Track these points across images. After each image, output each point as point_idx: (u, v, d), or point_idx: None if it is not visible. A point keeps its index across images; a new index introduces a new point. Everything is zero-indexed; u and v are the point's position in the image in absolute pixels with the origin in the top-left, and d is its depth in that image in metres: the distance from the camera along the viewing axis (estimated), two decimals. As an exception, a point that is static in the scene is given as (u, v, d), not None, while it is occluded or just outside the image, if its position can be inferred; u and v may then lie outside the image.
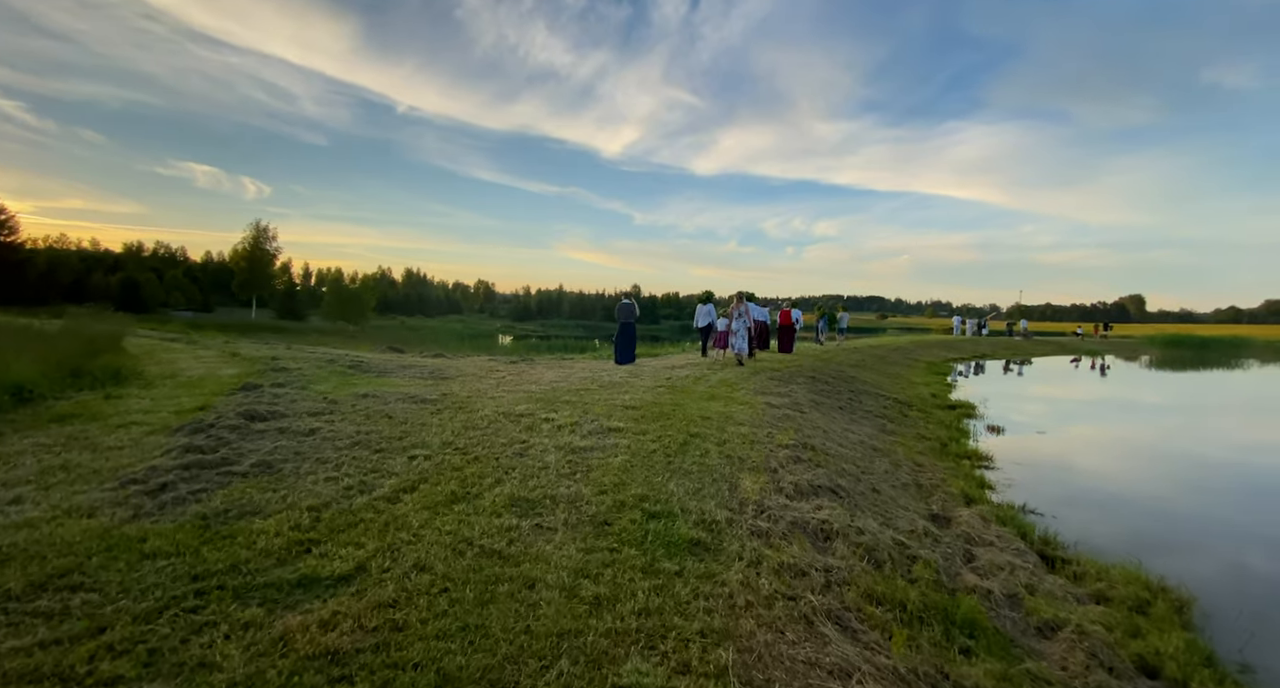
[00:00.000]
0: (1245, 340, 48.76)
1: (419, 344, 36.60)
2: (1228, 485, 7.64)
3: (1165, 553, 5.44)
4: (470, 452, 4.81)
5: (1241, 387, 21.27)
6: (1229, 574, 5.02)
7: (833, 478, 5.11)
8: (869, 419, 9.65)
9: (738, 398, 8.39)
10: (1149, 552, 5.30)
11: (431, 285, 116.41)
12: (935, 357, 26.34)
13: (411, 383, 8.57)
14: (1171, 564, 4.94)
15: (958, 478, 6.70)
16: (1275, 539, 5.80)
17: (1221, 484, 7.69)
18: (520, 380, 9.32)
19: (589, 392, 8.17)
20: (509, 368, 11.26)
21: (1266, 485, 7.72)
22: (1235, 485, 7.66)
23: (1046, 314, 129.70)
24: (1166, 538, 5.80)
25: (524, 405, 6.85)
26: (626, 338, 12.61)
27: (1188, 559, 5.26)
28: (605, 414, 6.50)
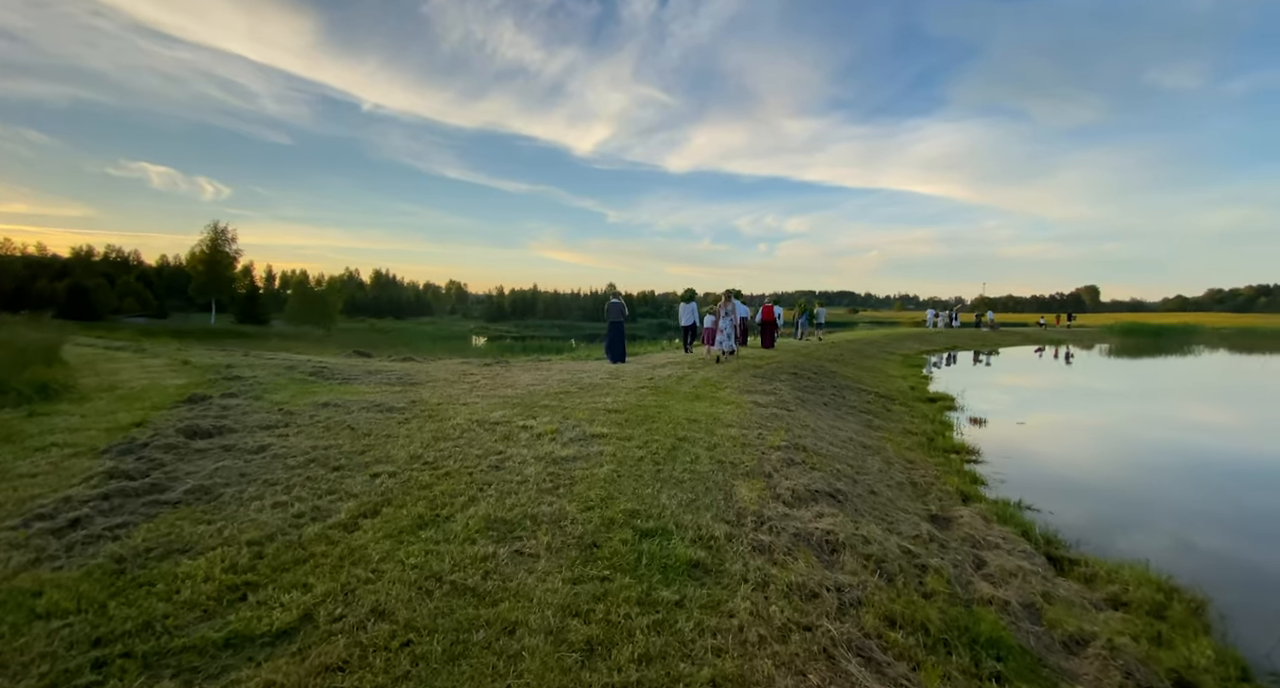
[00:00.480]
0: (1195, 328, 51.07)
1: (388, 347, 35.51)
2: (1206, 472, 7.68)
3: (1159, 544, 5.34)
4: (441, 466, 4.37)
5: (1200, 372, 22.00)
6: (1226, 567, 4.93)
7: (830, 481, 4.83)
8: (854, 415, 9.47)
9: (723, 397, 8.10)
10: (1143, 545, 5.20)
11: (401, 287, 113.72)
12: (909, 349, 26.66)
13: (377, 390, 8.03)
14: (1170, 557, 4.83)
15: (950, 474, 6.53)
16: (1262, 526, 5.78)
17: (1199, 471, 7.73)
18: (495, 384, 8.86)
19: (569, 395, 7.77)
20: (483, 371, 10.76)
21: (1245, 471, 7.78)
22: (1214, 472, 7.70)
23: (1009, 306, 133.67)
24: (1156, 528, 5.72)
25: (499, 412, 6.42)
26: (617, 337, 12.68)
27: (1182, 550, 5.16)
28: (587, 419, 6.12)
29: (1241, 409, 13.10)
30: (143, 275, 71.48)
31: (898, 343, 27.98)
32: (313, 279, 75.86)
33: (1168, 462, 8.23)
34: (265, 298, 73.17)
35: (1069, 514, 5.80)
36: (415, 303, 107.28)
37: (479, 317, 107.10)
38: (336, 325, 62.12)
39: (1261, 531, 5.74)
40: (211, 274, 56.37)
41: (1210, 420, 11.47)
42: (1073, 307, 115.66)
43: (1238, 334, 47.21)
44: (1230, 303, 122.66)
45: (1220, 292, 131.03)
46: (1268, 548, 5.31)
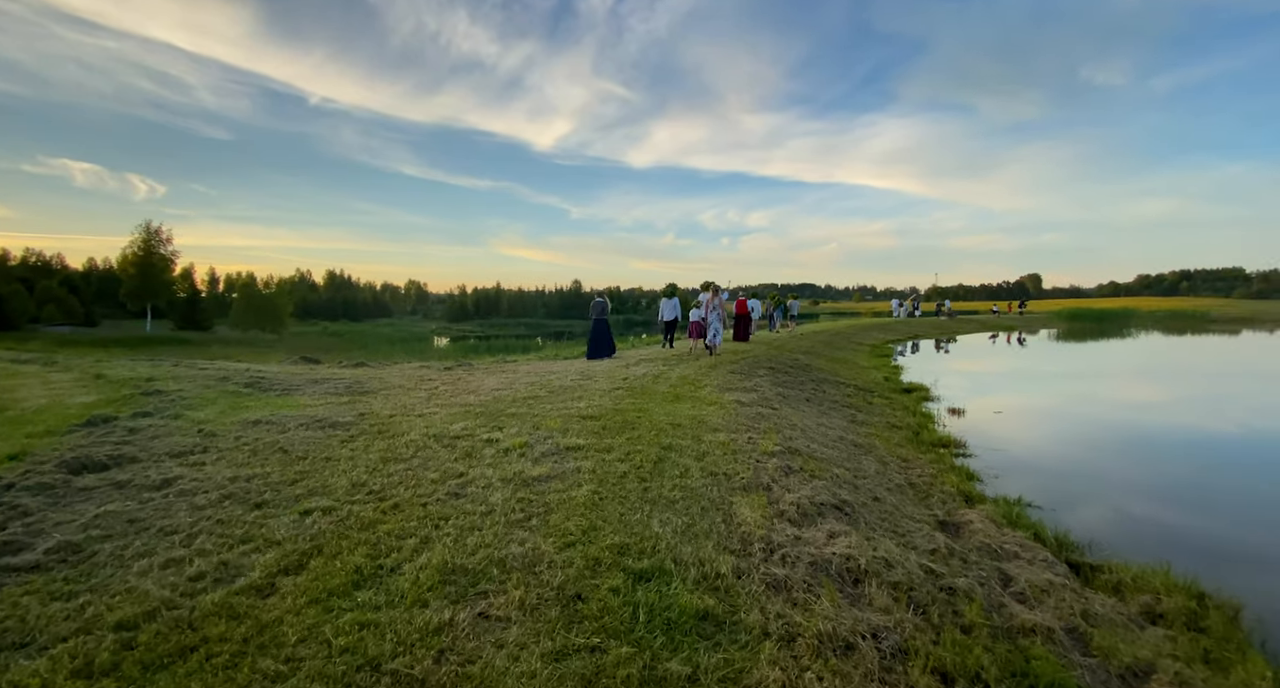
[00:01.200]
0: (1132, 311, 54.02)
1: (342, 352, 33.81)
2: (1181, 453, 7.64)
3: (1158, 534, 5.14)
4: (389, 496, 3.69)
5: (1150, 353, 22.91)
6: (1231, 555, 4.73)
7: (833, 491, 4.37)
8: (837, 410, 9.14)
9: (704, 397, 7.60)
10: (1144, 536, 4.97)
11: (358, 288, 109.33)
12: (874, 339, 26.96)
13: (321, 402, 7.19)
14: (1175, 549, 4.61)
15: (945, 472, 6.20)
16: (1252, 509, 5.66)
17: (1174, 452, 7.69)
18: (456, 391, 8.11)
19: (538, 400, 7.12)
20: (443, 376, 9.96)
21: (1216, 450, 7.77)
22: (1189, 453, 7.66)
23: (960, 295, 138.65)
24: (1150, 515, 5.54)
25: (461, 423, 5.73)
26: (600, 333, 12.94)
27: (1182, 539, 4.97)
28: (560, 429, 5.50)
29: (1198, 388, 13.47)
30: (67, 280, 66.34)
31: (863, 333, 28.28)
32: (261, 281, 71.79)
33: (1142, 443, 8.20)
34: (208, 302, 69.10)
35: (1067, 508, 5.54)
36: (373, 304, 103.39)
37: (440, 317, 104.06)
38: (287, 330, 59.16)
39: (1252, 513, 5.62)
40: (145, 278, 52.52)
41: (1174, 401, 11.68)
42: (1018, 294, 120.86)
43: (1169, 317, 50.04)
44: (1157, 287, 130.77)
45: (1148, 277, 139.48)
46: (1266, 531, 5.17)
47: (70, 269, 72.56)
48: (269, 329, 55.81)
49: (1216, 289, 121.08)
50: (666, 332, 15.43)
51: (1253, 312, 53.50)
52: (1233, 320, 45.65)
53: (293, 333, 61.85)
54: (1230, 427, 9.42)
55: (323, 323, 79.46)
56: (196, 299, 64.20)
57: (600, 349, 12.78)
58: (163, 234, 54.95)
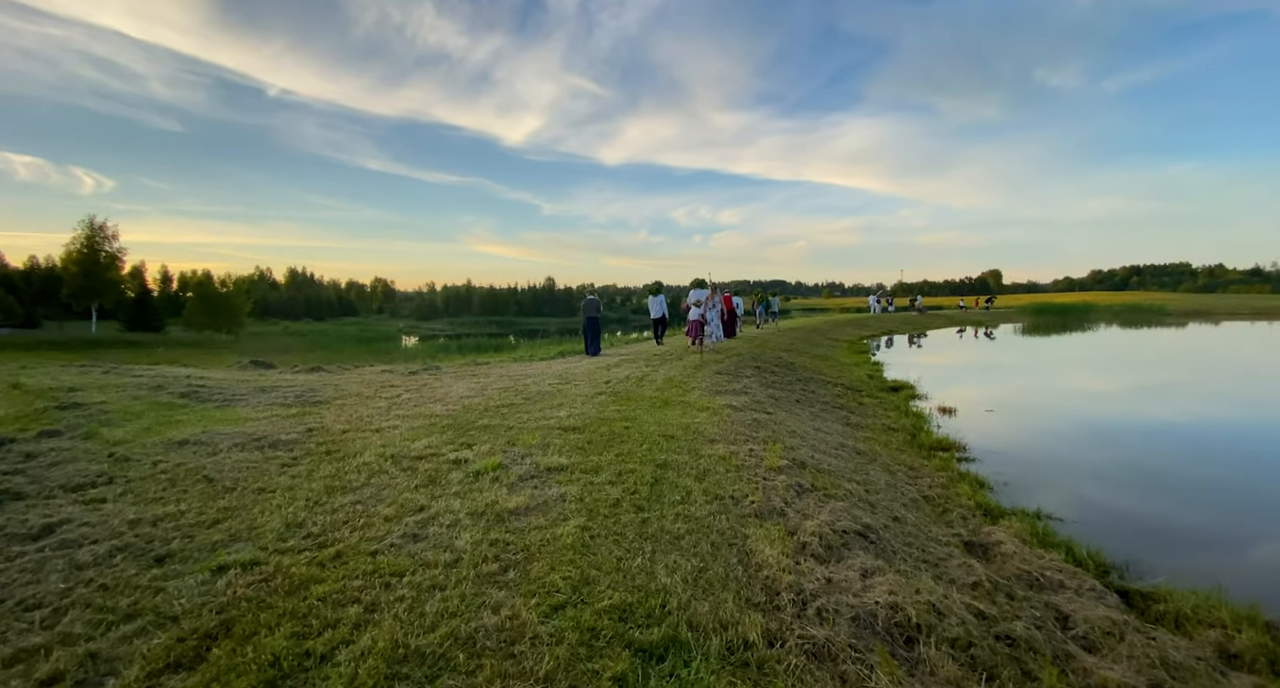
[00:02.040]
0: (1092, 306, 55.76)
1: (302, 353, 32.27)
2: (1191, 449, 7.42)
3: (1182, 538, 4.82)
4: (330, 541, 3.01)
5: (1119, 346, 23.32)
6: (1266, 565, 4.41)
7: (852, 514, 3.85)
8: (830, 412, 8.71)
9: (694, 402, 7.04)
10: (1176, 546, 4.63)
11: (321, 286, 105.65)
12: (850, 335, 26.93)
13: (265, 415, 6.37)
14: (1208, 559, 4.27)
15: (955, 481, 5.78)
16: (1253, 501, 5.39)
17: (1182, 448, 7.46)
18: (421, 399, 7.36)
19: (513, 409, 6.44)
20: (407, 382, 9.17)
21: (1235, 448, 7.56)
22: (1203, 450, 7.43)
23: (925, 290, 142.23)
24: (1172, 520, 5.22)
25: (424, 440, 5.03)
26: (593, 331, 13.61)
27: (1215, 548, 4.65)
28: (539, 444, 4.85)
29: (1185, 379, 13.51)
30: (6, 279, 62.17)
31: (839, 329, 28.26)
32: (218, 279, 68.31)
33: (1136, 438, 7.99)
34: (160, 302, 65.66)
35: (1086, 517, 5.18)
36: (337, 303, 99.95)
37: (409, 316, 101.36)
38: (244, 330, 56.61)
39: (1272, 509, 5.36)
40: (89, 277, 49.32)
41: (1162, 394, 11.63)
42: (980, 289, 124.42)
43: (1128, 311, 51.76)
44: (1109, 282, 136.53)
45: (1101, 272, 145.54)
46: None
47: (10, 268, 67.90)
48: (225, 330, 53.30)
49: (1164, 283, 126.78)
50: (657, 329, 15.50)
51: (1205, 305, 55.81)
52: (1187, 314, 47.44)
53: (251, 333, 59.33)
54: (1229, 420, 9.31)
55: (284, 323, 76.37)
56: (147, 299, 60.81)
57: (593, 346, 13.54)
58: (108, 230, 51.73)
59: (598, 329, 13.76)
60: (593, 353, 13.31)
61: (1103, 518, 5.26)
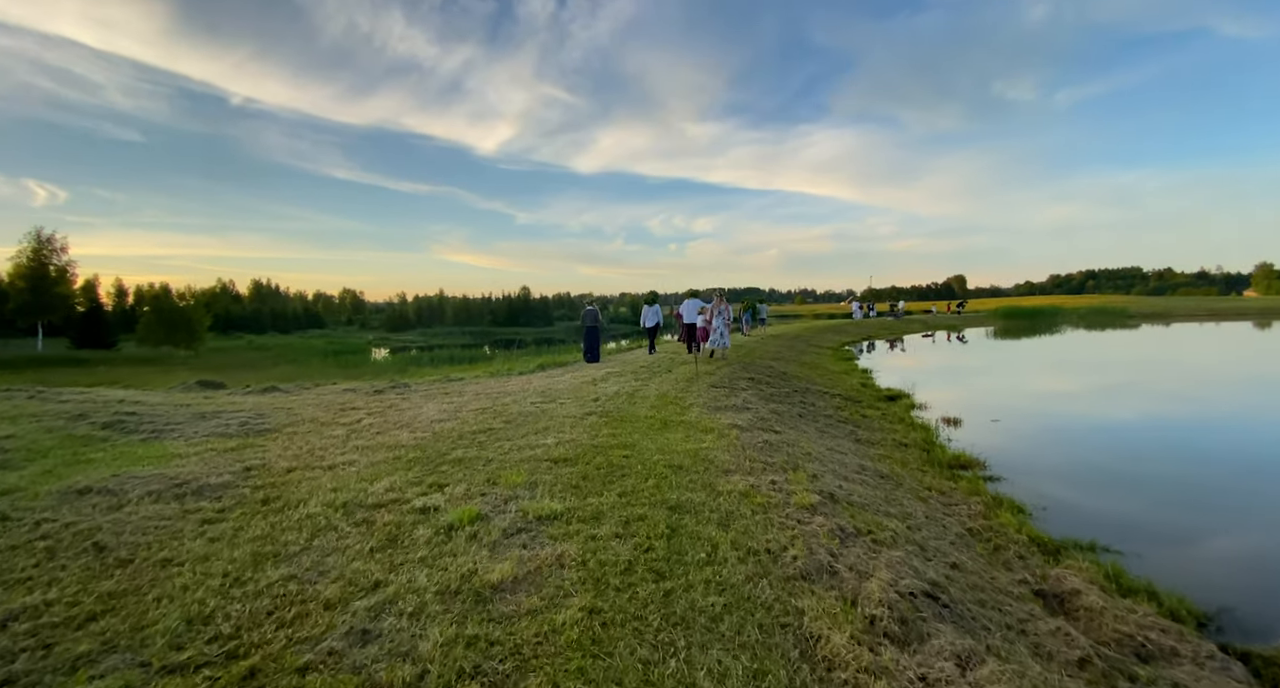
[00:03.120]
0: (1059, 309, 57.13)
1: (265, 368, 30.58)
2: (1220, 456, 6.99)
3: (1248, 567, 4.29)
4: (245, 649, 2.18)
5: (1104, 346, 23.43)
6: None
7: (912, 565, 3.17)
8: (836, 427, 8.10)
9: (696, 421, 6.33)
10: (1258, 584, 4.07)
11: (287, 298, 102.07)
12: (831, 341, 26.71)
13: (198, 450, 5.42)
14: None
15: (989, 506, 5.19)
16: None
17: (1214, 455, 7.03)
18: (385, 424, 6.48)
19: (492, 435, 5.63)
20: (371, 402, 8.24)
21: (1245, 448, 7.16)
22: (1230, 455, 7.00)
23: (893, 295, 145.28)
24: (1239, 551, 4.70)
25: (385, 480, 4.19)
26: (592, 340, 14.08)
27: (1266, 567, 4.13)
28: (525, 482, 4.07)
29: (1185, 382, 13.32)
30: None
31: (820, 335, 28.03)
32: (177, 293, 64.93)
33: (1150, 442, 7.58)
34: (114, 317, 62.33)
35: (1141, 543, 4.63)
36: (304, 315, 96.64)
37: (379, 327, 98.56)
38: (204, 345, 54.01)
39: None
40: (36, 291, 46.29)
41: (1172, 398, 11.35)
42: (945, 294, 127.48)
43: (1093, 314, 53.10)
44: (1067, 286, 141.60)
45: (1059, 277, 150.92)
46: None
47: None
48: (183, 345, 50.70)
49: (1118, 286, 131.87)
50: (650, 338, 15.97)
51: (1164, 308, 57.72)
52: (1148, 315, 48.91)
53: (212, 348, 56.75)
54: (1249, 423, 8.98)
55: (247, 337, 73.32)
56: (99, 314, 57.58)
57: (592, 354, 13.97)
58: (56, 242, 48.83)
59: (597, 338, 14.30)
60: (591, 360, 13.77)
61: (1161, 546, 4.71)
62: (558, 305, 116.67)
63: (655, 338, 16.08)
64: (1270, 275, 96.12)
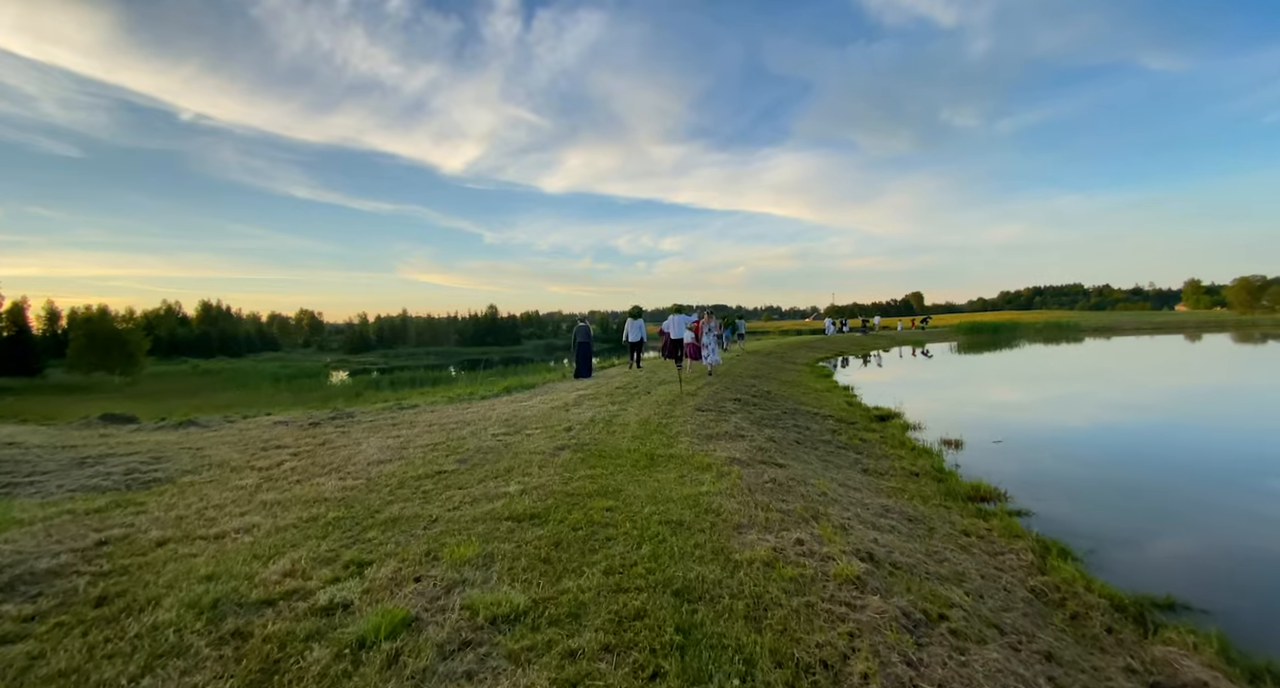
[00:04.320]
0: (1016, 324, 58.92)
1: (204, 396, 28.26)
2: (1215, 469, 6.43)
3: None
4: None
5: (1073, 358, 23.54)
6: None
7: (1013, 670, 2.29)
8: (838, 455, 7.28)
9: (687, 455, 5.39)
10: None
11: (239, 319, 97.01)
12: (806, 358, 26.33)
13: (54, 511, 4.17)
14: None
15: (1038, 553, 4.40)
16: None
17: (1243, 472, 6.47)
18: (312, 466, 5.32)
19: (441, 481, 4.56)
20: (302, 437, 7.00)
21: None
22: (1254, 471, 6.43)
23: (855, 312, 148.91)
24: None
25: (286, 558, 3.09)
26: (584, 356, 14.24)
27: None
28: (477, 556, 3.04)
29: (1177, 389, 13.08)
30: None
31: (793, 352, 27.65)
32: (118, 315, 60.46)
33: (1165, 462, 7.02)
34: (44, 341, 57.79)
35: (1225, 597, 3.91)
36: (257, 337, 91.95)
37: (338, 349, 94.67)
38: (142, 370, 50.42)
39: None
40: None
41: (1164, 407, 10.99)
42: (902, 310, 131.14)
43: (1048, 328, 54.85)
44: (1016, 302, 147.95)
45: (1009, 293, 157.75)
46: None
47: None
48: (118, 370, 47.17)
49: (1062, 302, 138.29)
50: (633, 353, 16.02)
51: (1110, 322, 60.15)
52: (1098, 330, 50.75)
53: (151, 374, 53.10)
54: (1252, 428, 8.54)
55: (193, 361, 69.01)
56: (25, 337, 53.24)
57: (584, 370, 14.10)
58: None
59: (589, 353, 14.50)
60: (583, 376, 13.95)
61: (1240, 597, 4.00)
62: (526, 324, 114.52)
63: (640, 353, 16.13)
64: (1198, 291, 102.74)
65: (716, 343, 13.13)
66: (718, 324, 13.33)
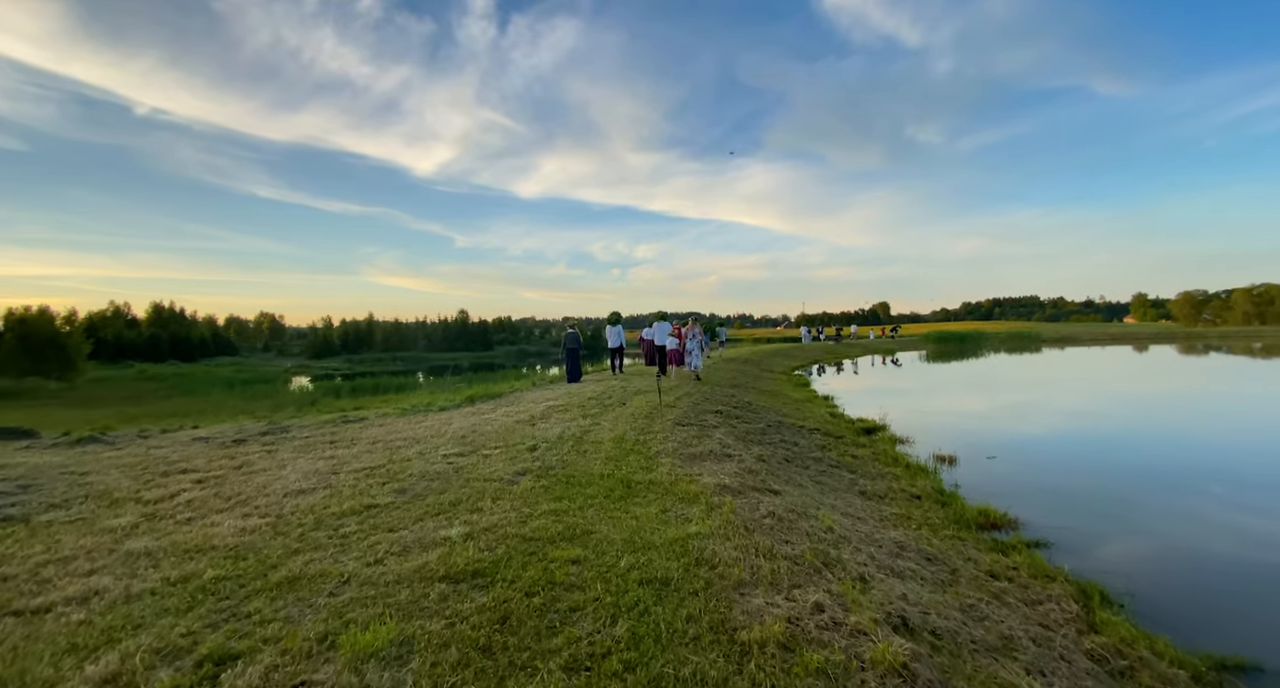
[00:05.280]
0: (982, 334, 60.20)
1: (148, 403, 26.25)
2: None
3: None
4: None
5: (1048, 367, 23.63)
6: None
7: None
8: (832, 475, 6.62)
9: (670, 482, 4.62)
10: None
11: (194, 322, 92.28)
12: (781, 366, 26.01)
13: None
14: None
15: (1079, 601, 3.77)
16: None
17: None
18: (215, 498, 4.36)
19: (369, 518, 3.69)
20: (218, 458, 5.97)
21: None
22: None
23: (824, 321, 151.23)
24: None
25: (119, 650, 2.18)
26: (573, 361, 14.51)
27: None
28: (391, 644, 2.19)
29: (1169, 401, 12.90)
30: None
31: (768, 359, 27.30)
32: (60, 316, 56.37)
33: (1183, 480, 6.57)
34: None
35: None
36: (212, 341, 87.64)
37: (300, 354, 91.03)
38: (82, 376, 47.21)
39: None
40: None
41: (1157, 417, 10.70)
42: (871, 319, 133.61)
43: (1012, 337, 56.12)
44: (977, 312, 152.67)
45: (970, 304, 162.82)
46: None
47: None
48: (54, 375, 44.00)
49: (1020, 313, 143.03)
50: (614, 359, 16.14)
51: (1070, 333, 61.95)
52: (1058, 340, 52.13)
53: (92, 379, 49.81)
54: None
55: (141, 365, 65.12)
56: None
57: (574, 375, 14.33)
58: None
59: (578, 359, 14.80)
60: (573, 380, 14.10)
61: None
62: (499, 330, 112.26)
63: (620, 359, 16.16)
64: (1145, 304, 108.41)
65: (700, 349, 13.38)
66: (699, 331, 13.55)
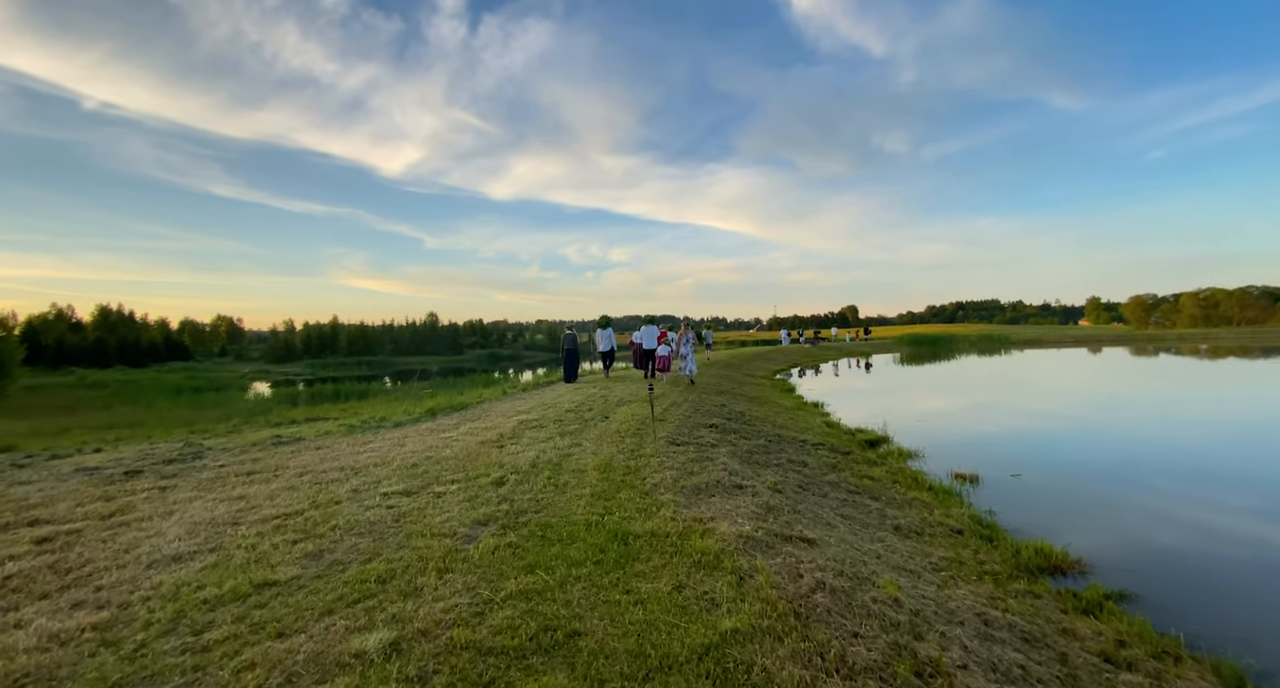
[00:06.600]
0: (953, 336, 60.95)
1: (83, 414, 23.94)
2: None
3: None
4: None
5: (1028, 371, 23.33)
6: None
7: None
8: (855, 504, 5.64)
9: (677, 531, 3.54)
10: None
11: (144, 326, 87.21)
12: (762, 369, 25.34)
13: None
14: None
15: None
16: None
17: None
18: (36, 582, 3.10)
19: (254, 610, 2.51)
20: (88, 501, 4.64)
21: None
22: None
23: (796, 324, 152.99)
24: None
25: None
26: (571, 362, 14.83)
27: None
28: None
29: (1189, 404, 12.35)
30: None
31: (748, 363, 26.62)
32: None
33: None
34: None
35: None
36: (164, 345, 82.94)
37: (260, 358, 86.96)
38: (13, 383, 43.63)
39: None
40: None
41: (1167, 419, 10.04)
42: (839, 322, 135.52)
43: (982, 340, 56.88)
44: (941, 316, 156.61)
45: (935, 307, 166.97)
46: None
47: None
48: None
49: (982, 316, 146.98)
50: (605, 362, 16.05)
51: (1036, 335, 63.23)
52: (1026, 342, 53.01)
53: (25, 387, 46.09)
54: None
55: (83, 371, 60.93)
56: None
57: (571, 375, 14.74)
58: None
59: (576, 360, 15.12)
60: (570, 381, 14.38)
61: None
62: (469, 333, 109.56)
63: (610, 363, 15.78)
64: (1099, 307, 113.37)
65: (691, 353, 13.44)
66: (690, 335, 13.79)
